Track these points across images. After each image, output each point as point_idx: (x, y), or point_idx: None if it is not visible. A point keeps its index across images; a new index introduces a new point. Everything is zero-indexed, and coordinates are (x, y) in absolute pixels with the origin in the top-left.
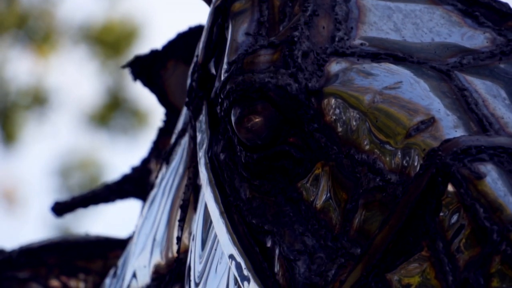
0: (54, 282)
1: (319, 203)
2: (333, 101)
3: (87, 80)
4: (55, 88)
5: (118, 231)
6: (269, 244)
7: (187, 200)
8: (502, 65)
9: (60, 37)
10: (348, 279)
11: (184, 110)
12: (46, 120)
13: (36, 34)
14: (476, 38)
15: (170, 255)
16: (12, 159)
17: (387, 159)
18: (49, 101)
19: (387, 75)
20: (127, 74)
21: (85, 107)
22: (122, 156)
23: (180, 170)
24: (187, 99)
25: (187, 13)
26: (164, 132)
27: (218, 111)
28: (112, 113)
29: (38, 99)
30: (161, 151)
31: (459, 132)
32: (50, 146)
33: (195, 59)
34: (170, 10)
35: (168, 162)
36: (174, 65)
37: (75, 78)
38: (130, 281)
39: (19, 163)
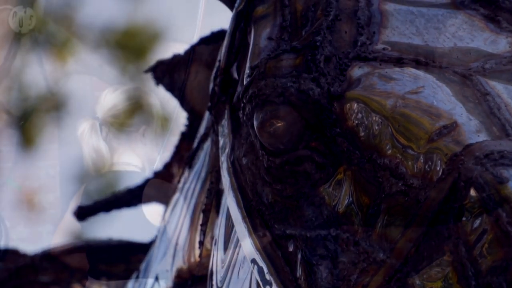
0: (77, 286)
1: (341, 207)
2: (355, 105)
3: (107, 85)
4: (75, 93)
5: (140, 236)
6: (291, 249)
7: (209, 205)
8: None
9: (80, 42)
10: (370, 283)
11: (207, 115)
12: (65, 125)
13: (56, 38)
14: (499, 43)
15: (192, 259)
16: (31, 163)
17: (409, 163)
18: (69, 106)
19: (409, 80)
20: (148, 79)
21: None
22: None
23: (202, 174)
24: (209, 104)
25: (209, 17)
26: (186, 137)
27: (241, 115)
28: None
29: (57, 104)
30: (183, 155)
31: (481, 137)
32: (69, 151)
33: (217, 63)
34: (193, 14)
35: (190, 167)
36: (196, 69)
37: (95, 83)
38: (153, 285)
39: (38, 168)
